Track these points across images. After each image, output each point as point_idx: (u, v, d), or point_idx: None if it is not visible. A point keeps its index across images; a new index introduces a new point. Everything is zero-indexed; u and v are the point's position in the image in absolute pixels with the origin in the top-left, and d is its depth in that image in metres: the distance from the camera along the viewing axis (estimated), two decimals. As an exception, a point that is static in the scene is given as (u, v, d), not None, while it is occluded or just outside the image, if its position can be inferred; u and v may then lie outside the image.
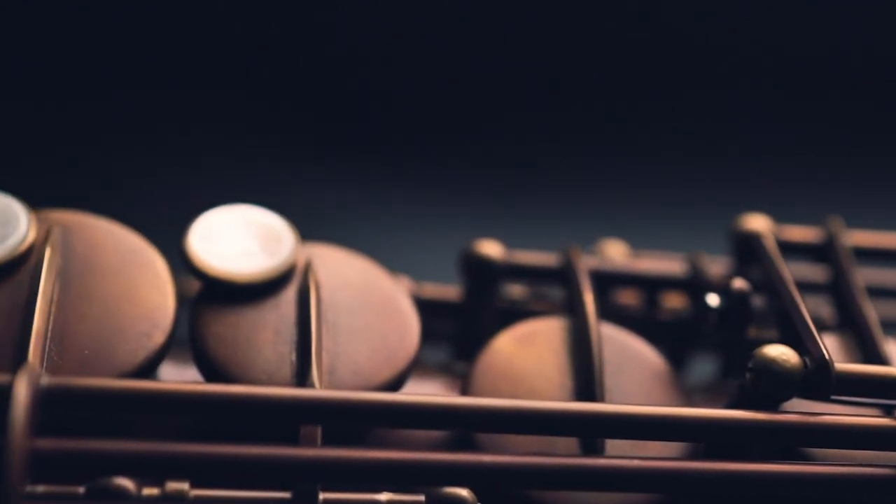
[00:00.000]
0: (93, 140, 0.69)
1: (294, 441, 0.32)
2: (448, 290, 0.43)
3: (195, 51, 0.69)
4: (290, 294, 0.37)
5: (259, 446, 0.31)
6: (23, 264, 0.35)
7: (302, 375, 0.34)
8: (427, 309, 0.40)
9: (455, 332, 0.42)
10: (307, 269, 0.37)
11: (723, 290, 0.38)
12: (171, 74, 0.71)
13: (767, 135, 0.73)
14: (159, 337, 0.35)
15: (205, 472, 0.31)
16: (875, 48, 0.74)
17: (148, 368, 0.34)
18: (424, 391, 0.39)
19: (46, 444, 0.29)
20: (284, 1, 0.73)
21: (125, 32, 0.69)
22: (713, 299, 0.38)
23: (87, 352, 0.34)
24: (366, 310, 0.37)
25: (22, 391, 0.29)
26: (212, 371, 0.35)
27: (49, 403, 0.30)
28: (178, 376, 0.37)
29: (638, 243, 0.46)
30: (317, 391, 0.32)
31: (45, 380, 0.30)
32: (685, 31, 0.72)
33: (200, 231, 0.37)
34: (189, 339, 0.36)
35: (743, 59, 0.73)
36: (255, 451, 0.30)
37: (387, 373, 0.36)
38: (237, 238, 0.37)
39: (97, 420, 0.33)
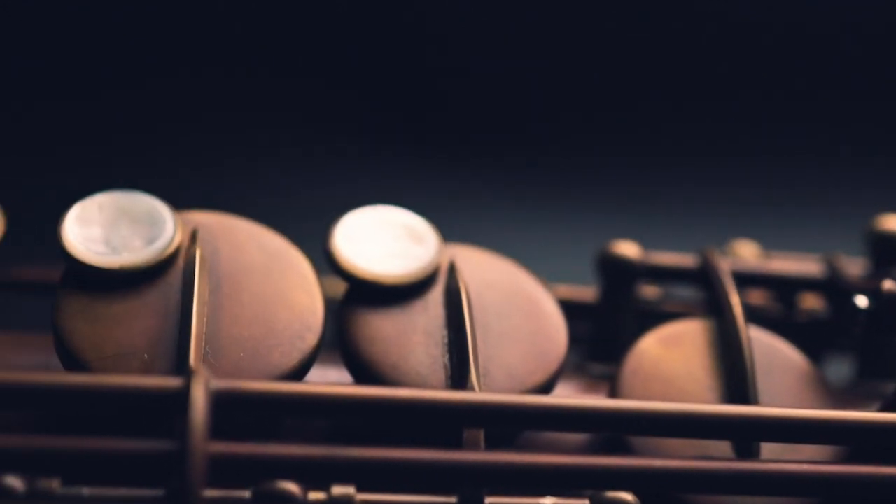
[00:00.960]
0: (198, 142, 0.69)
1: (452, 445, 0.32)
2: (583, 292, 0.42)
3: (309, 51, 0.69)
4: (436, 295, 0.36)
5: (425, 450, 0.30)
6: (171, 266, 0.35)
7: (458, 378, 0.34)
8: (561, 310, 0.39)
9: (590, 334, 0.41)
10: (452, 270, 0.37)
11: (872, 291, 0.38)
12: (287, 75, 0.70)
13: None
14: (311, 339, 0.34)
15: (371, 477, 0.30)
16: None
17: (301, 371, 0.34)
18: (566, 393, 0.38)
19: (220, 447, 0.29)
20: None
21: (232, 31, 0.69)
22: (862, 301, 0.38)
23: (242, 354, 0.33)
24: (513, 311, 0.36)
25: (200, 395, 0.29)
26: (364, 373, 0.35)
27: (220, 407, 0.29)
28: (321, 378, 0.37)
29: (765, 244, 0.46)
30: (483, 394, 0.32)
31: (216, 383, 0.30)
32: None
33: (345, 232, 0.37)
34: (339, 340, 0.35)
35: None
36: (421, 455, 0.30)
37: (540, 375, 0.35)
38: (381, 239, 0.37)
39: (249, 424, 0.33)
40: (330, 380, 0.37)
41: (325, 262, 0.37)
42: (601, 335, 0.41)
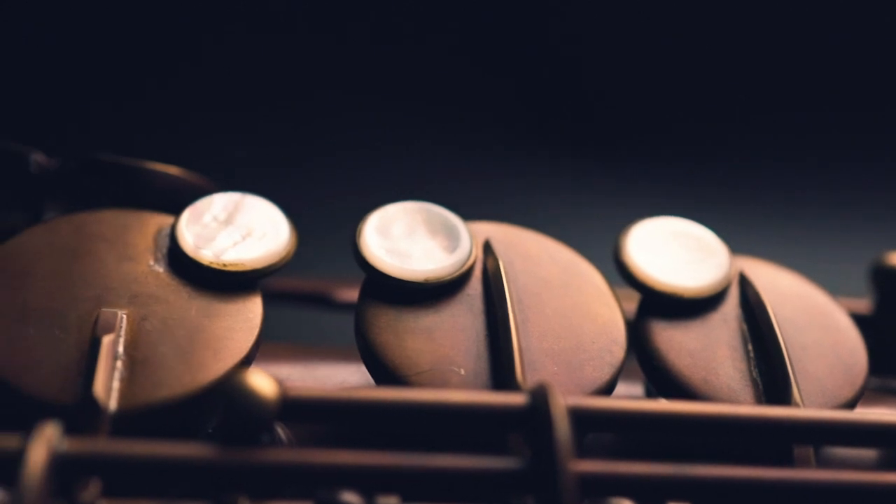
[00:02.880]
0: (340, 145, 0.68)
1: (781, 462, 0.31)
2: (857, 303, 0.41)
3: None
4: (732, 308, 0.36)
5: (759, 468, 0.30)
6: (470, 278, 0.35)
7: (774, 394, 0.33)
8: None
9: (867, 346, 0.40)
10: (744, 281, 0.36)
11: None
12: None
13: None
14: (619, 352, 0.34)
15: (710, 496, 0.30)
16: None
17: (611, 385, 0.33)
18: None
19: (586, 466, 0.28)
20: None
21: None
22: None
23: (555, 369, 0.33)
24: (811, 324, 0.36)
25: (561, 412, 0.28)
26: (671, 386, 0.34)
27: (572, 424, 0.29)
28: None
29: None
30: (816, 411, 0.31)
31: (570, 400, 0.29)
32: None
33: (636, 242, 0.36)
34: (637, 353, 0.35)
35: None
36: (763, 475, 0.29)
37: (848, 390, 0.34)
38: (671, 250, 0.36)
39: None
40: (621, 394, 0.36)
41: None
42: (878, 347, 0.40)
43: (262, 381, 0.28)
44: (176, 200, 0.37)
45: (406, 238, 0.35)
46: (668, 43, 0.74)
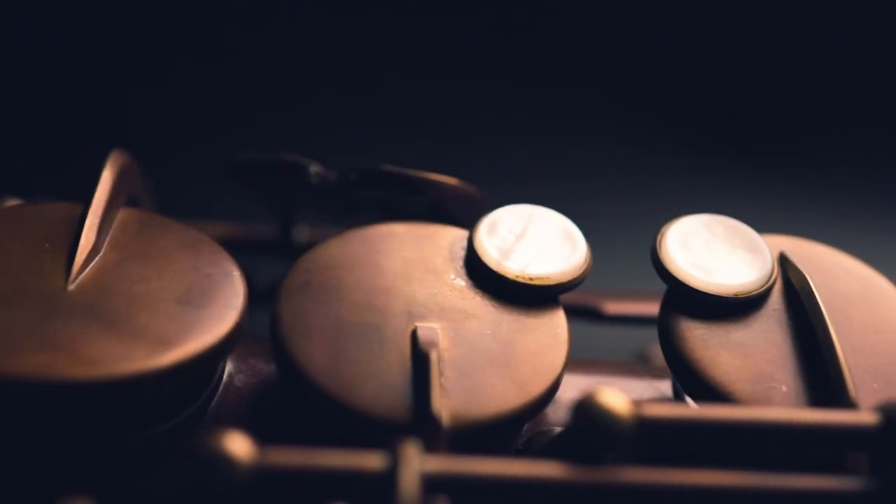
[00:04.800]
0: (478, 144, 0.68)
1: None
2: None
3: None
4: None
5: None
6: (772, 292, 0.34)
7: None
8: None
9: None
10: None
11: None
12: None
13: None
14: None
15: None
16: None
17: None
18: None
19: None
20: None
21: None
22: None
23: (875, 386, 0.32)
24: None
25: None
26: None
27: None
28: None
29: None
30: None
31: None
32: None
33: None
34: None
35: None
36: None
37: None
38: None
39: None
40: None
41: None
42: None
43: (618, 400, 0.28)
44: (449, 211, 0.37)
45: (706, 251, 0.34)
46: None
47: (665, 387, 0.35)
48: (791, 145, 0.73)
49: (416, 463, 0.26)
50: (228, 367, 0.33)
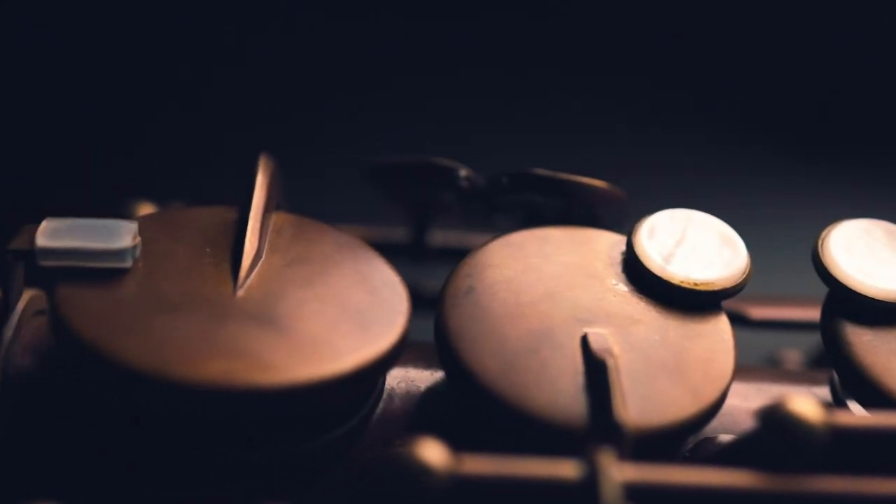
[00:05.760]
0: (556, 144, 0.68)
1: None
2: None
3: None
4: None
5: None
6: None
7: None
8: None
9: None
10: None
11: None
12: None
13: None
14: None
15: None
16: None
17: None
18: None
19: None
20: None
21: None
22: None
23: None
24: None
25: None
26: None
27: None
28: None
29: None
30: None
31: None
32: None
33: None
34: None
35: None
36: None
37: None
38: None
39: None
40: None
41: None
42: None
43: (810, 408, 0.27)
44: (595, 215, 0.37)
45: (869, 255, 0.34)
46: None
47: (824, 393, 0.35)
48: None
49: (615, 472, 0.26)
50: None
